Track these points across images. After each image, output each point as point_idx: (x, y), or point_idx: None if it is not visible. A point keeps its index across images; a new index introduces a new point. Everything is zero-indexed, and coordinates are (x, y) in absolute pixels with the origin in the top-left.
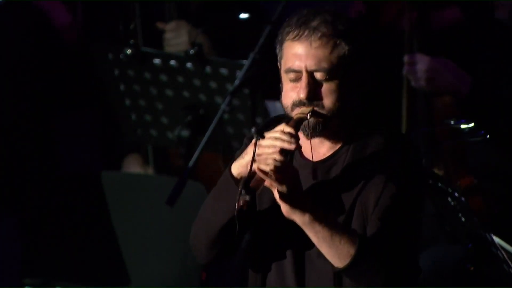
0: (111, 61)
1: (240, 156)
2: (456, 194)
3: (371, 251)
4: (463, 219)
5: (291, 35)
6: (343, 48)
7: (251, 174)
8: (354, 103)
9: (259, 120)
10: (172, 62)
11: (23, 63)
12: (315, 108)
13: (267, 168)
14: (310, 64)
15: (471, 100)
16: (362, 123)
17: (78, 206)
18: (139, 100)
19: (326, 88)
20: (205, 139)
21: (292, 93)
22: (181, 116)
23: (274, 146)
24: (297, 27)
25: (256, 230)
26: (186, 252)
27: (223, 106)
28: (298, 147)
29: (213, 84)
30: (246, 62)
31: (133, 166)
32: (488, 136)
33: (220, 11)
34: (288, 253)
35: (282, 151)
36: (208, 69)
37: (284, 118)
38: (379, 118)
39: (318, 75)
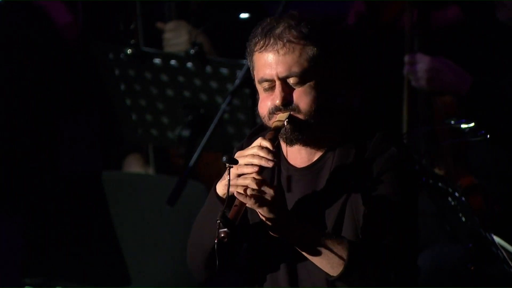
0: (112, 61)
1: (223, 177)
2: (457, 194)
3: (363, 256)
4: (463, 218)
5: (258, 46)
6: (311, 49)
7: (229, 202)
8: (333, 106)
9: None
10: (173, 62)
11: (23, 63)
12: (292, 113)
13: (248, 191)
14: (281, 71)
15: (471, 99)
16: (354, 122)
17: (78, 206)
18: (139, 100)
19: (300, 91)
20: (205, 139)
21: (267, 101)
22: (181, 116)
23: (252, 165)
24: (262, 37)
25: (250, 240)
26: (186, 251)
27: (223, 106)
28: (277, 163)
29: (213, 84)
30: (246, 62)
31: (134, 166)
32: (488, 136)
33: (220, 10)
34: (282, 260)
35: (261, 170)
36: (208, 69)
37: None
38: (379, 118)
39: (290, 80)
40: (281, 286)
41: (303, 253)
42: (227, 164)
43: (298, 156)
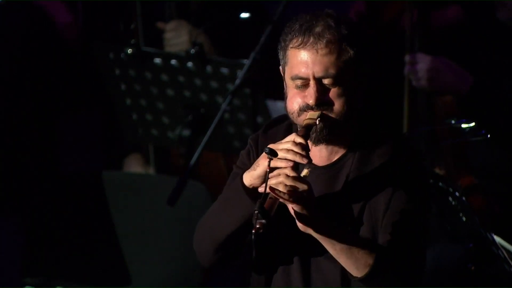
0: (112, 61)
1: (252, 167)
2: (457, 194)
3: (388, 261)
4: (464, 218)
5: (295, 42)
6: (348, 52)
7: (265, 194)
8: (359, 105)
9: (260, 119)
10: (173, 62)
11: (23, 63)
12: (324, 112)
13: (281, 186)
14: (318, 71)
15: (472, 99)
16: (364, 125)
17: (79, 206)
18: (140, 99)
19: (334, 93)
20: (205, 138)
21: (298, 98)
22: (181, 116)
23: (286, 160)
24: (300, 34)
25: (259, 250)
26: (187, 251)
27: (223, 106)
28: (310, 161)
29: (213, 84)
30: (247, 62)
31: (134, 165)
32: (488, 136)
33: (221, 10)
34: (295, 256)
35: (295, 165)
36: (208, 68)
37: (286, 119)
38: (380, 118)
39: (325, 81)
40: (292, 277)
41: (330, 251)
42: (268, 156)
43: (318, 154)
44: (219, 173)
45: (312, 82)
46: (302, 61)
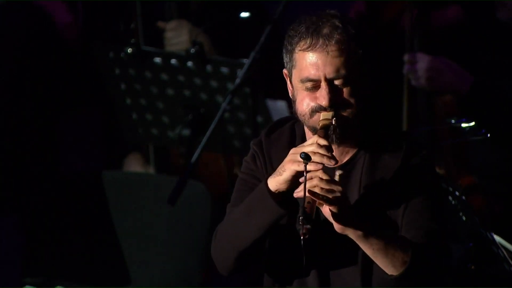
0: (112, 60)
1: (277, 173)
2: (457, 193)
3: (423, 258)
4: (464, 218)
5: (303, 45)
6: (357, 52)
7: (303, 201)
8: (366, 104)
9: (260, 119)
10: (173, 61)
11: (24, 63)
12: (337, 112)
13: (316, 189)
14: (329, 72)
15: (472, 99)
16: (370, 124)
17: (79, 205)
18: (140, 99)
19: (345, 92)
20: (205, 138)
21: (309, 100)
22: (181, 115)
23: (315, 162)
24: (308, 36)
25: (308, 256)
26: (187, 251)
27: (223, 105)
28: (336, 162)
29: (213, 83)
30: (246, 61)
31: (134, 165)
32: (488, 135)
33: (221, 10)
34: (313, 264)
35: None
36: (208, 68)
37: (291, 119)
38: (380, 118)
39: (337, 82)
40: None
41: (367, 252)
42: (303, 161)
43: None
44: (219, 172)
45: (323, 84)
46: (312, 63)
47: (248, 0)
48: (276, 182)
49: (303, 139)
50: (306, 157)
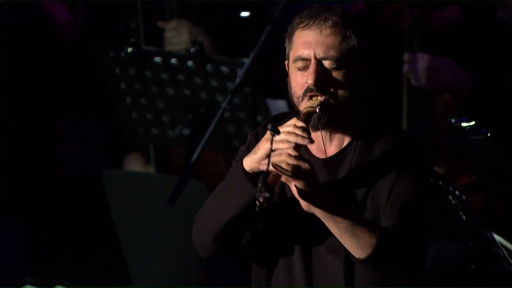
0: (112, 60)
1: (252, 151)
2: (457, 193)
3: (391, 242)
4: (464, 217)
5: (301, 24)
6: (352, 40)
7: (268, 170)
8: (360, 98)
9: (260, 118)
10: (173, 61)
11: (23, 63)
12: (324, 98)
13: (283, 165)
14: (319, 52)
15: (472, 99)
16: (366, 120)
17: (79, 205)
18: (140, 98)
19: (334, 76)
20: (205, 137)
21: (299, 81)
22: (182, 115)
23: (288, 142)
24: (307, 17)
25: (264, 224)
26: (187, 251)
27: (224, 105)
28: (311, 141)
29: (214, 83)
30: (247, 61)
31: (134, 164)
32: (489, 135)
33: (221, 9)
34: (297, 249)
35: (296, 146)
36: (209, 67)
37: (289, 115)
38: (380, 117)
39: (326, 63)
40: (295, 271)
41: (334, 232)
42: (271, 133)
43: (319, 146)
44: (219, 172)
45: (312, 62)
46: (306, 41)
47: (248, 0)
48: (251, 161)
49: None
50: (274, 130)
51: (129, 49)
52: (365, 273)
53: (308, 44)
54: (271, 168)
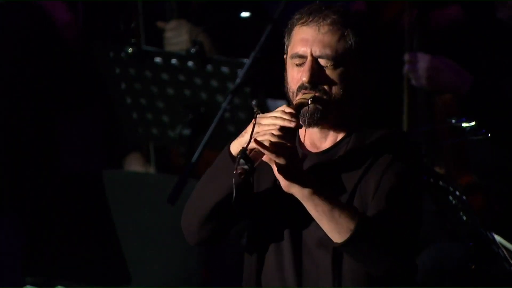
0: (112, 60)
1: (240, 135)
2: (457, 193)
3: (371, 228)
4: (464, 217)
5: (300, 21)
6: (350, 39)
7: (251, 147)
8: (357, 98)
9: None
10: (173, 61)
11: (23, 63)
12: (317, 94)
13: (265, 141)
14: (315, 50)
15: (472, 99)
16: (362, 122)
17: (79, 205)
18: (140, 98)
19: (329, 75)
20: (206, 137)
21: (295, 77)
22: (182, 115)
23: (274, 125)
24: (307, 14)
25: (254, 214)
26: (187, 251)
27: (224, 105)
28: (299, 126)
29: (214, 83)
30: (247, 61)
31: (134, 164)
32: (489, 135)
33: (221, 10)
34: (286, 243)
35: (282, 129)
36: (209, 67)
37: None
38: (380, 117)
39: (322, 61)
40: (284, 265)
41: (312, 214)
42: (255, 109)
43: (313, 141)
44: None
45: (308, 59)
46: (303, 38)
47: (248, 0)
48: (238, 144)
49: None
50: (259, 106)
51: (130, 49)
52: (352, 267)
53: (305, 41)
54: (252, 145)
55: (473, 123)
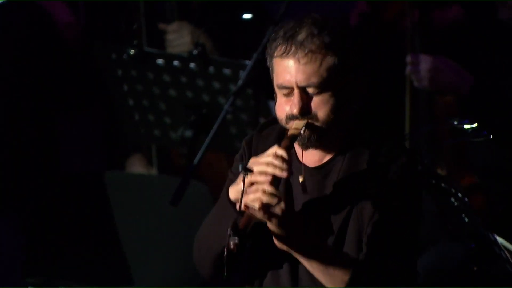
0: (114, 61)
1: (236, 181)
2: (459, 194)
3: (365, 277)
4: (465, 219)
5: (279, 51)
6: (332, 59)
7: (241, 212)
8: (349, 111)
9: (262, 120)
10: (175, 63)
11: (25, 63)
12: (309, 121)
13: (257, 204)
14: (300, 80)
15: (473, 99)
16: (359, 125)
17: (81, 206)
18: (142, 100)
19: (318, 100)
20: (208, 139)
21: (285, 106)
22: (184, 116)
23: (265, 173)
24: (283, 42)
25: (230, 269)
26: (189, 252)
27: (226, 106)
28: (290, 174)
29: (216, 84)
30: (249, 63)
31: (136, 166)
32: (491, 137)
33: (222, 11)
34: (285, 263)
35: (274, 179)
36: (211, 69)
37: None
38: (381, 118)
39: (310, 90)
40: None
41: (306, 266)
42: (243, 172)
43: (309, 156)
44: (221, 173)
45: (296, 91)
46: (286, 70)
47: (250, 0)
48: (235, 191)
49: None
50: (246, 170)
51: (131, 51)
52: None
53: (288, 73)
54: (243, 207)
55: (475, 125)
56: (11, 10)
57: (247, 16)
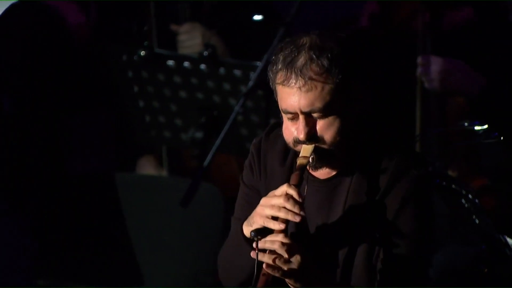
0: (125, 63)
1: (249, 221)
2: (470, 196)
3: None
4: (477, 221)
5: (279, 78)
6: (333, 82)
7: (258, 274)
8: (356, 127)
9: (272, 121)
10: (186, 64)
11: (35, 63)
12: (316, 145)
13: (277, 262)
14: (304, 106)
15: (484, 101)
16: (368, 135)
17: (92, 208)
18: (153, 101)
19: (324, 124)
20: (218, 140)
21: (292, 129)
22: (195, 118)
23: (278, 222)
24: (283, 69)
25: None
26: (199, 253)
27: (236, 108)
28: (303, 218)
29: (226, 86)
30: (259, 64)
31: (147, 167)
32: (501, 138)
33: (234, 12)
34: None
35: (287, 223)
36: (221, 70)
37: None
38: (392, 121)
39: (314, 114)
40: None
41: None
42: (255, 238)
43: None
44: (232, 175)
45: (300, 117)
46: (288, 97)
47: (261, 2)
48: (247, 227)
49: None
50: (257, 234)
51: (142, 52)
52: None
53: (291, 100)
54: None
55: (485, 127)
56: (23, 11)
57: (258, 17)
